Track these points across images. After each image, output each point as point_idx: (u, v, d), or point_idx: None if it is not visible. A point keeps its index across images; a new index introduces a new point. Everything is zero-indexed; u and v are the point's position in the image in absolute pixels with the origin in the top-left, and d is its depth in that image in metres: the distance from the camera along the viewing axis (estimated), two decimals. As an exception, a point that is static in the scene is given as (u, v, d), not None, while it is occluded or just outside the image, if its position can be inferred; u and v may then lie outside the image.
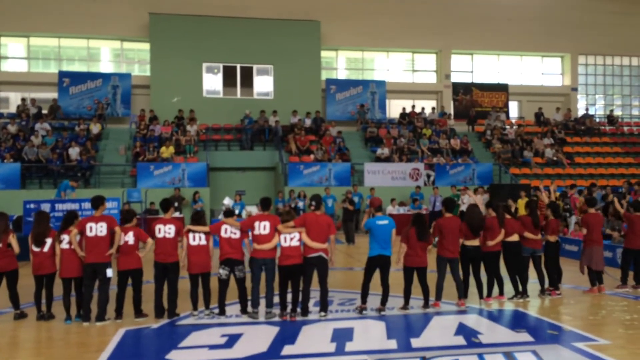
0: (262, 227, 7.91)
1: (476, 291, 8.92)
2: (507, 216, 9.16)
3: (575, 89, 30.13)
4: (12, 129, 21.91)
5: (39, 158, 20.35)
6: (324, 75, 27.28)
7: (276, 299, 8.07)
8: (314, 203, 8.20)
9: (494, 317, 8.25)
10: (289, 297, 8.04)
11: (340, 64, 28.69)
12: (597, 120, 29.02)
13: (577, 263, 10.42)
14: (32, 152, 20.39)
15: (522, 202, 14.75)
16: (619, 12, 29.28)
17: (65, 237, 7.97)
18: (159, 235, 8.02)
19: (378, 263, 8.20)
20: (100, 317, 7.77)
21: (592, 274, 9.93)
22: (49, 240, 8.04)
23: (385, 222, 8.31)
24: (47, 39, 25.92)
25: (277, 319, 7.89)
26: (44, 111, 23.74)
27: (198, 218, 8.17)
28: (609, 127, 28.29)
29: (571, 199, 16.83)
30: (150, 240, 8.07)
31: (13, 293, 8.09)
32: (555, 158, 24.47)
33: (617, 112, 30.58)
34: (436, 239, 8.74)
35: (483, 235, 8.92)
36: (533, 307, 8.88)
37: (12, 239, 8.09)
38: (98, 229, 7.83)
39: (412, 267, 8.42)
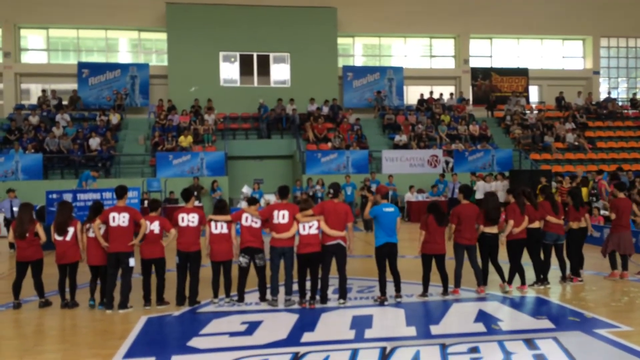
0: (281, 216, 7.94)
1: (497, 278, 8.85)
2: (527, 203, 9.05)
3: (597, 73, 29.58)
4: (34, 120, 22.23)
5: (60, 149, 20.64)
6: (341, 62, 27.14)
7: (295, 287, 8.12)
8: (332, 191, 8.21)
9: (515, 304, 8.19)
10: (308, 284, 8.08)
11: (357, 50, 28.51)
12: (620, 104, 28.48)
13: (598, 249, 10.29)
14: (53, 143, 20.68)
15: (538, 190, 14.60)
16: (642, -7, 28.62)
17: (91, 227, 8.11)
18: (182, 224, 8.09)
19: (386, 251, 8.18)
20: (123, 304, 7.90)
21: (613, 259, 9.85)
22: (71, 230, 8.18)
23: (391, 209, 8.28)
24: (66, 30, 26.19)
25: (296, 306, 7.94)
26: (64, 102, 24.04)
27: (221, 207, 8.24)
28: (632, 110, 27.76)
29: (599, 184, 16.58)
30: (173, 231, 8.16)
31: (38, 282, 8.25)
32: (576, 143, 24.11)
33: (640, 96, 29.95)
34: (452, 225, 8.65)
35: (504, 222, 8.83)
36: (554, 294, 8.81)
37: (39, 228, 8.26)
38: (121, 219, 7.93)
39: (431, 255, 8.39)
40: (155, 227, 8.08)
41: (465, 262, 8.56)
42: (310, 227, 7.92)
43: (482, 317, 7.42)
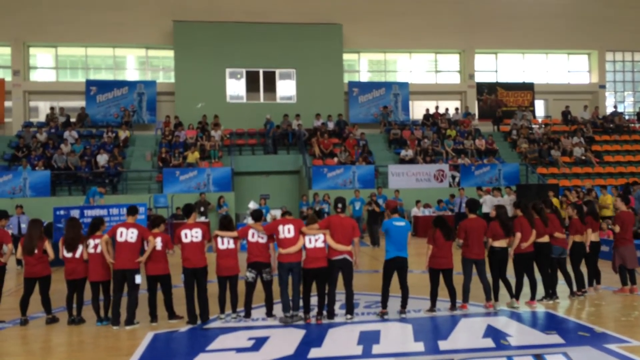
0: (287, 231, 7.95)
1: (506, 293, 8.79)
2: (536, 217, 9.00)
3: (603, 86, 29.56)
4: (42, 137, 22.41)
5: (68, 165, 20.77)
6: (347, 78, 27.28)
7: (301, 303, 8.08)
8: (340, 205, 8.20)
9: (524, 319, 8.12)
10: (314, 300, 8.04)
11: (362, 66, 28.66)
12: (627, 117, 28.41)
13: (608, 263, 10.22)
14: (61, 159, 20.82)
15: (556, 201, 14.54)
16: (647, 7, 28.68)
17: (91, 242, 8.12)
18: (186, 241, 8.03)
19: (395, 265, 8.15)
20: (130, 321, 7.88)
21: (623, 273, 9.77)
22: (81, 247, 8.20)
23: (402, 223, 8.26)
24: (75, 48, 26.50)
25: (301, 322, 7.89)
26: (72, 119, 24.24)
27: (227, 223, 8.22)
28: (639, 124, 27.67)
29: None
30: (172, 251, 8.15)
31: (45, 298, 8.26)
32: (583, 157, 24.03)
33: (647, 109, 29.89)
34: (459, 240, 8.62)
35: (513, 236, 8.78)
36: (563, 309, 8.73)
37: (48, 246, 8.30)
38: (129, 235, 7.94)
39: (438, 269, 8.35)
40: (157, 243, 8.08)
41: (475, 277, 8.50)
42: (316, 240, 7.91)
43: (491, 332, 7.35)
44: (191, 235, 8.07)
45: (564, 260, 9.41)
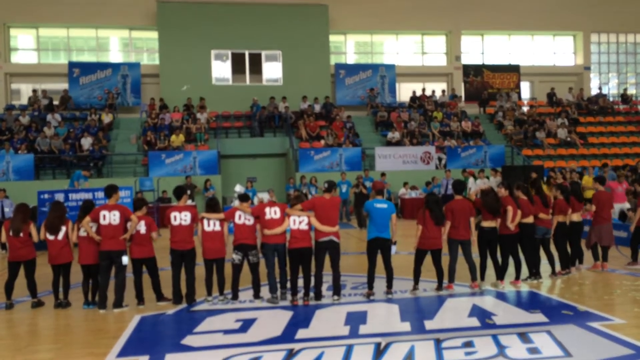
0: (273, 212, 7.97)
1: (493, 273, 8.88)
2: (523, 197, 9.08)
3: (588, 68, 29.72)
4: (24, 120, 22.09)
5: (52, 149, 20.52)
6: (333, 60, 27.13)
7: (288, 285, 8.12)
8: (326, 185, 8.21)
9: (508, 298, 8.22)
10: (300, 282, 8.08)
11: (349, 48, 28.51)
12: (611, 99, 28.63)
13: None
14: (44, 143, 20.56)
15: (545, 188, 14.68)
16: (632, -11, 28.77)
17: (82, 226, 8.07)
18: (175, 223, 8.05)
19: (377, 245, 8.19)
20: (118, 303, 7.87)
21: (595, 250, 10.11)
22: (63, 229, 8.14)
23: (384, 205, 8.27)
24: (56, 29, 26.02)
25: (287, 303, 7.93)
26: (55, 102, 23.88)
27: (213, 205, 8.22)
28: (623, 106, 27.92)
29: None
30: (154, 235, 8.12)
31: (31, 282, 8.21)
32: (568, 138, 24.23)
33: (631, 91, 30.13)
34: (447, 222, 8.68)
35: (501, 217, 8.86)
36: (547, 288, 8.85)
37: (33, 229, 8.24)
38: (112, 218, 7.89)
39: (426, 250, 8.41)
40: (141, 227, 8.04)
41: (461, 257, 8.58)
42: (300, 222, 7.92)
43: (476, 311, 7.44)
44: (180, 218, 8.07)
45: (548, 240, 9.56)
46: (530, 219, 9.08)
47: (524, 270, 9.17)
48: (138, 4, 25.03)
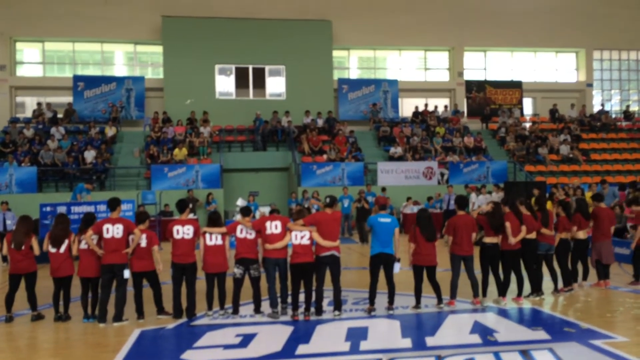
0: (274, 227, 7.97)
1: (494, 289, 8.84)
2: (526, 213, 9.06)
3: (590, 85, 29.79)
4: (28, 133, 22.19)
5: (55, 162, 20.59)
6: (336, 74, 27.26)
7: (289, 299, 8.09)
8: (328, 200, 8.21)
9: (510, 315, 8.17)
10: (302, 297, 8.04)
11: (352, 63, 28.66)
12: (613, 116, 28.66)
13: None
14: (48, 155, 20.63)
15: (533, 201, 14.61)
16: (635, 6, 28.91)
17: (83, 238, 8.06)
18: (177, 237, 8.06)
19: (380, 261, 8.18)
20: (118, 317, 7.84)
21: (599, 268, 10.02)
22: (66, 242, 8.14)
23: (388, 220, 8.29)
24: (62, 43, 26.22)
25: (288, 318, 7.90)
26: (60, 115, 24.01)
27: (215, 218, 8.22)
28: (625, 122, 27.94)
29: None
30: (156, 247, 8.12)
31: (31, 295, 8.20)
32: (570, 155, 24.22)
33: (634, 108, 30.16)
34: (448, 237, 8.66)
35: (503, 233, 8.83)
36: (549, 305, 8.80)
37: (34, 242, 8.24)
38: (115, 231, 7.90)
39: (421, 266, 8.38)
40: (142, 240, 8.04)
41: (463, 273, 8.55)
42: (302, 237, 7.92)
43: (478, 328, 7.40)
44: (183, 231, 8.08)
45: (551, 256, 9.51)
46: (532, 235, 9.06)
47: (526, 287, 9.12)
48: (143, 19, 25.26)
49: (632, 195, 13.50)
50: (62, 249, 8.13)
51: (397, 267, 8.22)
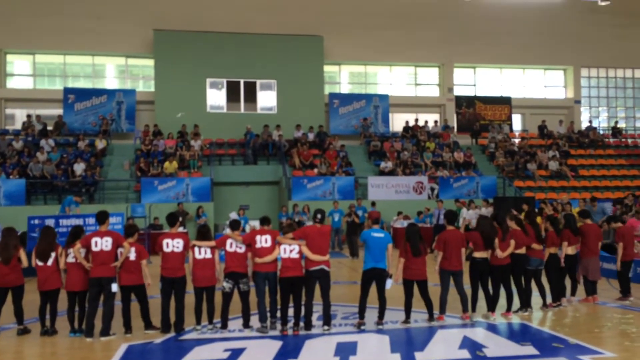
0: (264, 241, 7.97)
1: (484, 304, 8.86)
2: (516, 228, 9.12)
3: (578, 102, 30.15)
4: (17, 145, 22.05)
5: (44, 174, 20.45)
6: (327, 89, 27.41)
7: (278, 314, 8.05)
8: (319, 216, 8.21)
9: (499, 330, 8.19)
10: (291, 311, 8.02)
11: (343, 78, 28.84)
12: (601, 132, 28.99)
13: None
14: (37, 168, 20.50)
15: (523, 216, 14.70)
16: (621, 25, 29.37)
17: (70, 251, 8.01)
18: (167, 250, 8.03)
19: (373, 276, 8.20)
20: (105, 332, 7.77)
21: (587, 284, 10.07)
22: (53, 255, 8.07)
23: (381, 234, 8.32)
24: (53, 56, 26.19)
25: (277, 332, 7.86)
26: (49, 127, 23.89)
27: (204, 232, 8.21)
28: (613, 139, 28.26)
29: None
30: (144, 262, 8.08)
31: (18, 308, 8.10)
32: (559, 171, 24.43)
33: (621, 125, 30.52)
34: (435, 251, 8.70)
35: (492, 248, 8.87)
36: (538, 320, 8.83)
37: (22, 254, 8.16)
38: (103, 244, 7.86)
39: (412, 280, 8.39)
40: (131, 254, 8.00)
41: (452, 288, 8.56)
42: (291, 251, 7.92)
43: (467, 343, 7.41)
44: (172, 245, 8.05)
45: (540, 272, 9.54)
46: (522, 250, 9.11)
47: (515, 302, 9.15)
48: (135, 32, 25.30)
49: (619, 212, 13.62)
50: (50, 261, 8.06)
51: (389, 283, 8.22)
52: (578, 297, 10.22)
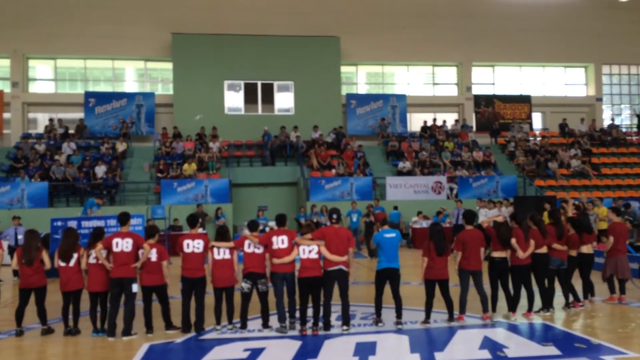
0: (280, 241, 7.98)
1: (504, 305, 8.77)
2: (534, 228, 9.01)
3: (599, 99, 29.71)
4: (40, 148, 22.43)
5: (66, 177, 20.77)
6: (344, 90, 27.39)
7: (297, 314, 8.07)
8: (334, 216, 8.23)
9: (520, 330, 8.10)
10: (310, 311, 8.03)
11: (360, 78, 28.80)
12: (624, 130, 28.53)
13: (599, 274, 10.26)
14: (59, 171, 20.83)
15: (547, 214, 14.53)
16: (642, 21, 28.91)
17: (92, 252, 8.13)
18: (187, 250, 8.11)
19: (386, 276, 8.22)
20: (127, 331, 7.86)
21: (611, 283, 9.91)
22: (75, 256, 8.19)
23: (392, 235, 8.35)
24: (74, 60, 26.60)
25: (296, 332, 7.88)
26: (71, 131, 24.28)
27: (223, 233, 8.27)
28: (636, 137, 27.78)
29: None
30: (165, 263, 8.15)
31: (41, 309, 8.24)
32: (581, 169, 24.10)
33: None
34: (454, 251, 8.64)
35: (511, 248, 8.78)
36: (560, 320, 8.72)
37: (45, 255, 8.29)
38: (124, 245, 7.96)
39: (434, 280, 8.35)
40: (152, 254, 8.09)
41: (472, 288, 8.50)
42: (310, 251, 7.94)
43: (488, 343, 7.34)
44: (193, 245, 8.13)
45: (563, 271, 9.41)
46: (543, 250, 9.00)
47: (537, 302, 9.04)
48: (154, 36, 25.57)
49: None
50: (72, 262, 8.18)
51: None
52: (599, 297, 10.06)
